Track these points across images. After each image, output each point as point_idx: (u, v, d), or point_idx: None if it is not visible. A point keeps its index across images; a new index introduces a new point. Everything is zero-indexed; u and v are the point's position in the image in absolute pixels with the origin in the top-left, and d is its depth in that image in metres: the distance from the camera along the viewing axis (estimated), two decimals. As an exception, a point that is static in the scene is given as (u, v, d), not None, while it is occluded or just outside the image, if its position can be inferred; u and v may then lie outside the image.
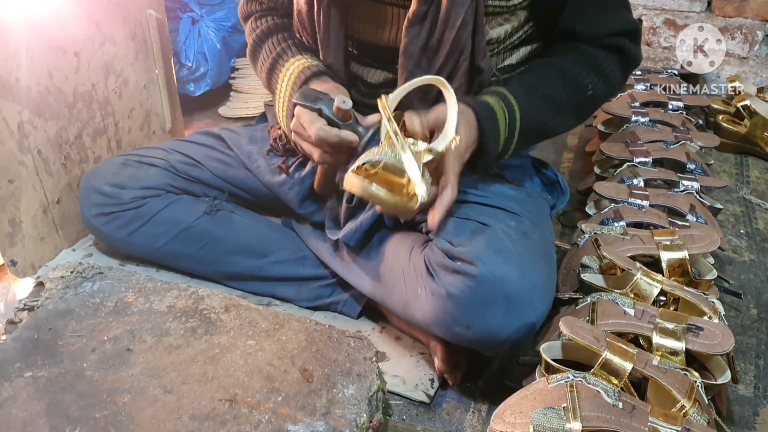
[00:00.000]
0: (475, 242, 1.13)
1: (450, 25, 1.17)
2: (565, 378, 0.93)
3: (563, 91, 1.27)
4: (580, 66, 1.28)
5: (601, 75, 1.29)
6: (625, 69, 1.34)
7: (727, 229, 1.79)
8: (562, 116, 1.31)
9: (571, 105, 1.30)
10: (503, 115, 1.21)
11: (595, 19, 1.28)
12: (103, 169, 1.49)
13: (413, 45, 1.21)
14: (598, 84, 1.29)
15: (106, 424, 0.97)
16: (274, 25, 1.39)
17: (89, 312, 1.18)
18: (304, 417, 0.99)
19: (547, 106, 1.27)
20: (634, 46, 1.31)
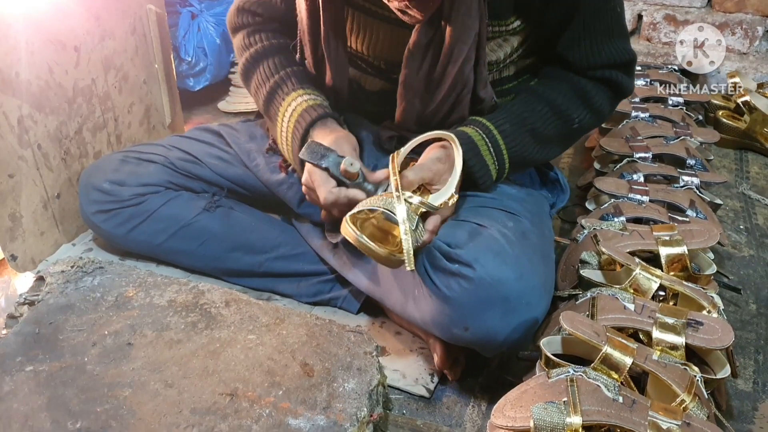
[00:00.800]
0: (473, 244, 1.13)
1: (453, 60, 1.17)
2: (565, 372, 0.93)
3: (550, 123, 1.28)
4: (570, 99, 1.28)
5: (590, 108, 1.30)
6: (615, 101, 1.34)
7: (727, 225, 1.79)
8: (548, 147, 1.32)
9: (558, 136, 1.31)
10: (485, 147, 1.22)
11: (591, 49, 1.27)
12: (103, 165, 1.49)
13: (413, 77, 1.21)
14: (585, 116, 1.30)
15: (107, 418, 0.97)
16: (270, 47, 1.39)
17: (90, 306, 1.18)
18: (305, 411, 1.00)
19: (533, 138, 1.27)
20: (626, 78, 1.31)
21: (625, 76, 1.30)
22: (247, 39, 1.40)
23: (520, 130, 1.25)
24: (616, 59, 1.28)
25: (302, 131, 1.27)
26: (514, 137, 1.25)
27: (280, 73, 1.35)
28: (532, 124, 1.26)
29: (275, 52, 1.38)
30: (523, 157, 1.28)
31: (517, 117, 1.26)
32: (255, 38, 1.40)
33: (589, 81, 1.29)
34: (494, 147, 1.23)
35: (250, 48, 1.39)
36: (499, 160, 1.24)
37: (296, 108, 1.30)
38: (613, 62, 1.28)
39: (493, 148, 1.23)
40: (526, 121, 1.26)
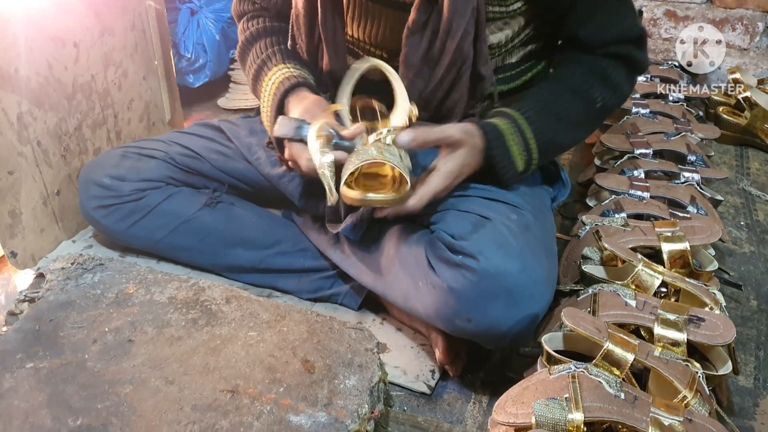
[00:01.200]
0: (477, 236, 1.13)
1: (452, 34, 1.17)
2: (566, 369, 0.93)
3: (575, 107, 1.28)
4: (589, 79, 1.28)
5: (609, 86, 1.29)
6: (632, 76, 1.33)
7: (728, 221, 1.79)
8: (576, 130, 1.33)
9: (583, 119, 1.31)
10: (513, 138, 1.22)
11: (600, 26, 1.27)
12: (103, 161, 1.48)
13: (413, 54, 1.21)
14: (607, 95, 1.29)
15: (108, 415, 0.97)
16: (264, 29, 1.41)
17: (90, 303, 1.18)
18: (306, 408, 0.99)
19: (561, 124, 1.27)
20: (640, 52, 1.31)
21: (638, 51, 1.30)
22: (246, 23, 1.44)
23: (546, 117, 1.25)
24: (626, 34, 1.28)
25: (276, 104, 1.31)
26: (540, 123, 1.24)
27: (267, 51, 1.39)
28: (556, 109, 1.26)
29: (269, 33, 1.41)
30: (553, 142, 1.28)
31: (540, 103, 1.26)
32: (252, 22, 1.43)
33: (603, 59, 1.28)
34: (522, 137, 1.23)
35: (246, 32, 1.43)
36: (527, 149, 1.24)
37: (274, 81, 1.33)
38: (624, 37, 1.28)
39: (522, 138, 1.23)
40: (550, 107, 1.26)
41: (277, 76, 1.33)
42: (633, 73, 1.33)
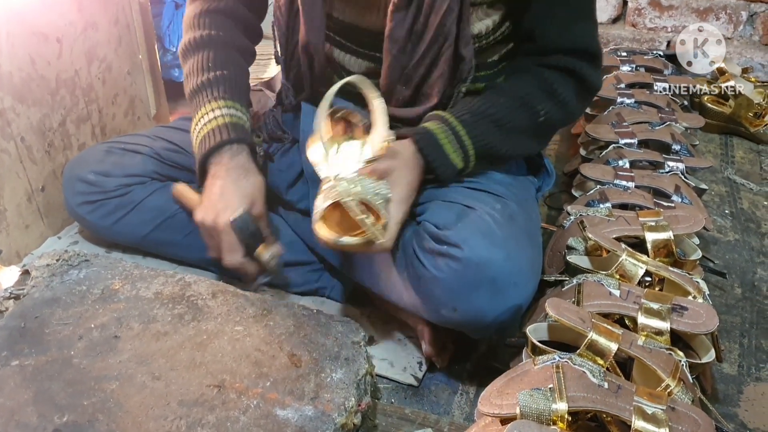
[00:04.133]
0: (461, 225, 1.14)
1: (435, 10, 1.17)
2: (551, 359, 0.93)
3: (516, 116, 1.24)
4: (533, 90, 1.25)
5: (554, 100, 1.26)
6: (582, 95, 1.30)
7: (712, 210, 1.80)
8: (518, 139, 1.28)
9: (525, 129, 1.27)
10: (446, 137, 1.21)
11: (555, 28, 1.24)
12: (87, 156, 1.47)
13: (399, 30, 1.21)
14: (551, 109, 1.26)
15: (94, 411, 0.97)
16: (214, 37, 1.38)
17: (76, 300, 1.17)
18: (293, 401, 1.00)
19: (500, 130, 1.24)
20: (592, 70, 1.27)
21: (590, 67, 1.27)
22: (196, 18, 1.40)
23: (482, 121, 1.23)
24: (580, 45, 1.25)
25: (203, 154, 1.29)
26: (475, 126, 1.22)
27: (209, 74, 1.35)
28: (495, 114, 1.23)
29: (213, 45, 1.37)
30: (490, 147, 1.24)
31: (477, 108, 1.24)
32: (202, 21, 1.39)
33: (553, 72, 1.26)
34: (455, 136, 1.22)
35: (194, 31, 1.39)
36: (462, 148, 1.22)
37: (207, 123, 1.31)
38: (578, 48, 1.25)
39: (455, 137, 1.22)
40: (487, 112, 1.23)
41: (210, 117, 1.31)
42: (583, 92, 1.29)
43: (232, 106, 1.33)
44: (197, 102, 1.34)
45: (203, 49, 1.37)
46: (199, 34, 1.38)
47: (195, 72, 1.36)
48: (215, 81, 1.34)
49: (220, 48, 1.38)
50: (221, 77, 1.35)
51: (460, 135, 1.21)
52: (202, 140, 1.30)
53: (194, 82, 1.35)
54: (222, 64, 1.36)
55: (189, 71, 1.38)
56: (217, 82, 1.34)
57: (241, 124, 1.31)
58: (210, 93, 1.33)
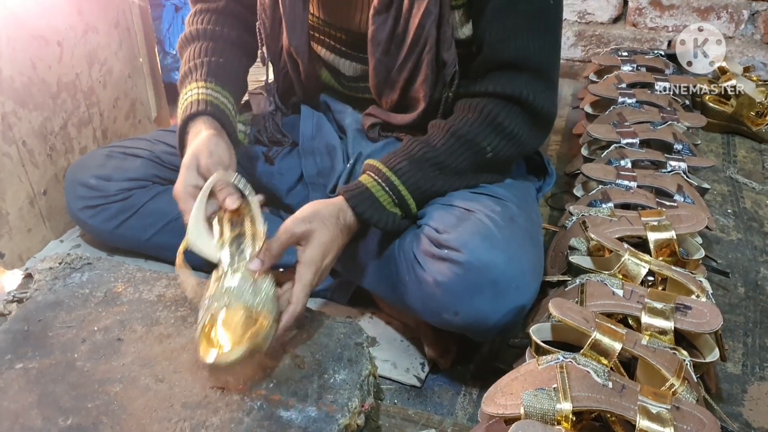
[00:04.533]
0: (461, 229, 1.13)
1: (414, 13, 1.17)
2: (555, 359, 0.93)
3: (457, 156, 1.21)
4: (477, 126, 1.21)
5: (502, 134, 1.21)
6: (534, 125, 1.24)
7: (715, 209, 1.80)
8: (464, 177, 1.24)
9: (472, 167, 1.23)
10: (381, 189, 1.17)
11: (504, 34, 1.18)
12: (88, 161, 1.48)
13: (380, 33, 1.21)
14: (498, 144, 1.22)
15: (98, 414, 0.97)
16: (206, 31, 1.38)
17: (79, 303, 1.17)
18: (296, 403, 1.00)
19: (439, 172, 1.20)
20: (542, 95, 1.21)
21: (540, 93, 1.21)
22: (194, 16, 1.41)
23: (420, 166, 1.19)
24: (528, 58, 1.19)
25: (180, 128, 1.27)
26: (411, 174, 1.18)
27: (196, 60, 1.34)
28: (435, 158, 1.20)
29: (208, 38, 1.37)
30: (432, 191, 1.21)
31: (415, 154, 1.20)
32: (201, 18, 1.40)
33: (498, 103, 1.20)
34: (390, 187, 1.17)
35: (191, 26, 1.40)
36: (398, 198, 1.18)
37: (185, 101, 1.29)
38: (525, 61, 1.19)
39: (390, 189, 1.17)
40: (426, 156, 1.19)
41: (188, 96, 1.29)
42: (535, 121, 1.24)
43: (212, 88, 1.29)
44: (184, 85, 1.32)
45: (199, 40, 1.37)
46: (196, 28, 1.38)
47: (187, 60, 1.36)
48: (202, 65, 1.33)
49: (216, 40, 1.37)
50: (210, 62, 1.34)
51: (395, 185, 1.17)
52: (182, 111, 1.27)
53: (184, 69, 1.35)
54: (214, 52, 1.36)
55: (186, 58, 1.37)
56: (204, 66, 1.33)
57: (216, 103, 1.27)
58: (196, 74, 1.32)
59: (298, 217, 1.13)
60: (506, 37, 1.18)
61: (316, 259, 1.10)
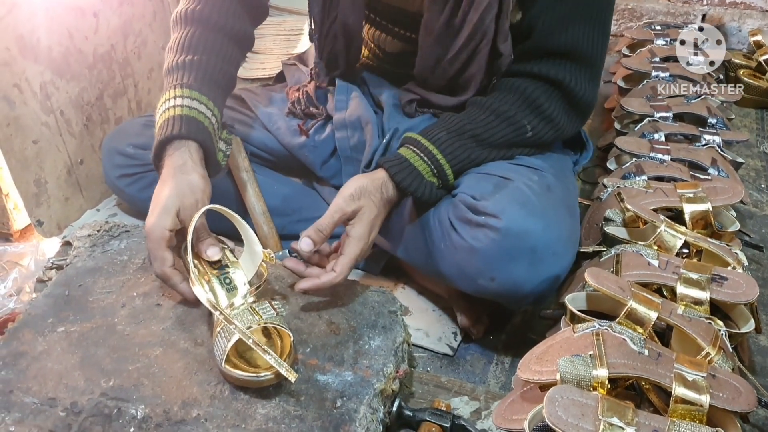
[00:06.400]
0: (499, 196, 1.14)
1: (475, 6, 1.16)
2: (590, 327, 0.94)
3: (496, 131, 1.21)
4: (517, 106, 1.21)
5: (541, 117, 1.22)
6: (572, 111, 1.25)
7: (748, 184, 1.78)
8: (503, 151, 1.24)
9: (512, 143, 1.24)
10: (420, 159, 1.18)
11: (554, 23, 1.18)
12: (126, 130, 1.49)
13: (434, 21, 1.20)
14: (538, 125, 1.23)
15: (139, 376, 0.99)
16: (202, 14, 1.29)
17: (117, 269, 1.19)
18: (333, 367, 1.01)
19: (478, 145, 1.21)
20: (583, 81, 1.22)
21: (582, 80, 1.22)
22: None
23: (458, 138, 1.20)
24: (575, 47, 1.19)
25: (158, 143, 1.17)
26: (450, 144, 1.19)
27: (184, 56, 1.26)
28: (473, 130, 1.20)
29: (206, 26, 1.29)
30: (470, 161, 1.21)
31: (454, 126, 1.21)
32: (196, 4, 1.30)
33: (539, 85, 1.21)
34: (429, 157, 1.18)
35: (190, 3, 1.30)
36: (436, 167, 1.18)
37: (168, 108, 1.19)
38: (572, 50, 1.20)
39: (429, 158, 1.18)
40: (464, 128, 1.20)
41: (169, 105, 1.19)
42: (573, 108, 1.25)
43: (196, 98, 1.20)
44: (167, 83, 1.25)
45: (190, 25, 1.29)
46: (193, 7, 1.29)
47: (174, 48, 1.28)
48: (189, 65, 1.24)
49: (209, 29, 1.29)
50: (196, 63, 1.25)
51: (433, 154, 1.18)
52: (159, 128, 1.18)
53: (170, 61, 1.27)
54: (203, 48, 1.27)
55: (171, 45, 1.30)
56: (190, 68, 1.24)
57: (198, 119, 1.18)
58: (179, 77, 1.23)
59: (346, 194, 1.14)
60: (558, 27, 1.18)
61: (363, 236, 1.13)
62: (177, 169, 1.13)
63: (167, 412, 0.93)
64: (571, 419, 0.81)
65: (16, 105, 1.37)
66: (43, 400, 0.95)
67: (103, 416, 0.93)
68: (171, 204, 1.07)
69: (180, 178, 1.11)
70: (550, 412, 0.82)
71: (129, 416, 0.93)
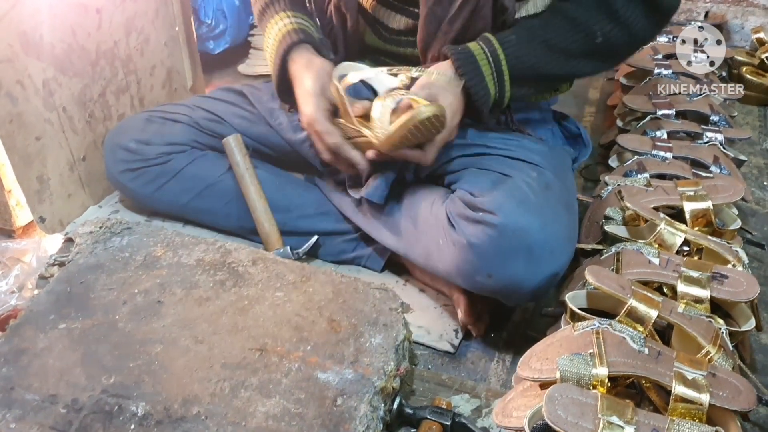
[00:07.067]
0: (497, 192, 1.14)
1: None
2: (590, 325, 0.94)
3: (568, 36, 1.23)
4: (591, 11, 1.22)
5: (616, 21, 1.22)
6: (653, 15, 1.24)
7: (751, 181, 1.78)
8: (570, 62, 1.26)
9: (581, 51, 1.25)
10: (485, 59, 1.20)
11: None
12: (128, 125, 1.50)
13: None
14: (612, 31, 1.22)
15: (140, 373, 0.99)
16: None
17: (119, 266, 1.19)
18: (333, 365, 1.01)
19: (547, 51, 1.22)
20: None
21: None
22: None
23: (529, 42, 1.22)
24: None
25: (279, 60, 1.32)
26: (519, 48, 1.21)
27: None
28: (545, 36, 1.22)
29: None
30: (533, 69, 1.24)
31: (527, 30, 1.23)
32: None
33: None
34: (493, 57, 1.21)
35: None
36: (497, 72, 1.21)
37: (278, 32, 1.34)
38: None
39: (492, 59, 1.21)
40: (537, 33, 1.22)
41: (280, 26, 1.34)
42: (653, 11, 1.24)
43: (300, 17, 1.36)
44: (264, 21, 1.39)
45: None
46: None
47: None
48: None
49: None
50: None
51: (498, 56, 1.21)
52: (279, 42, 1.34)
53: (260, 5, 1.41)
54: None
55: None
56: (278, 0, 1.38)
57: (302, 28, 1.34)
58: (273, 9, 1.37)
59: (418, 87, 1.21)
60: None
61: (451, 115, 1.18)
62: (306, 65, 1.30)
63: (168, 409, 0.94)
64: (571, 418, 0.82)
65: (19, 101, 1.37)
66: (44, 396, 0.95)
67: (104, 413, 0.93)
68: (318, 88, 1.26)
69: (312, 69, 1.28)
70: (550, 411, 0.82)
71: (130, 413, 0.93)
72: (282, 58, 1.32)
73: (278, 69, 1.33)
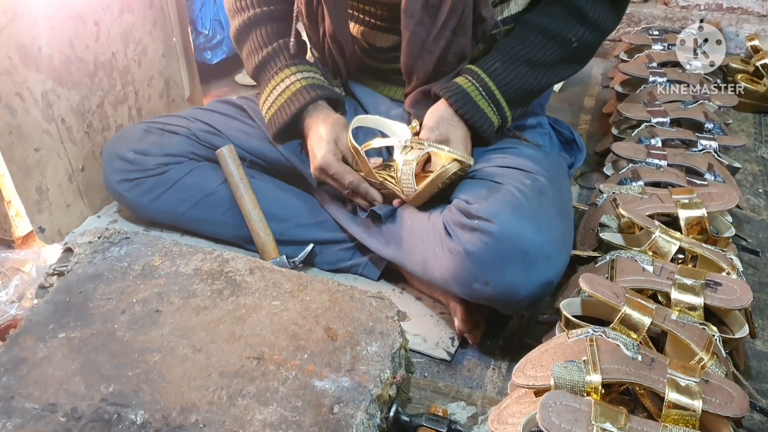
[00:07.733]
0: (492, 200, 1.15)
1: None
2: (585, 332, 0.95)
3: (546, 49, 1.28)
4: (563, 19, 1.28)
5: (587, 24, 1.29)
6: (618, 9, 1.32)
7: (746, 188, 1.79)
8: (552, 71, 1.32)
9: (559, 60, 1.31)
10: (478, 93, 1.26)
11: None
12: (126, 135, 1.51)
13: (414, 4, 1.22)
14: (584, 33, 1.29)
15: (138, 382, 1.00)
16: (262, 14, 1.44)
17: (118, 275, 1.20)
18: (330, 373, 1.02)
19: (531, 69, 1.29)
20: None
21: None
22: (238, 2, 1.45)
23: (513, 66, 1.28)
24: None
25: (293, 113, 1.38)
26: (506, 75, 1.27)
27: (272, 45, 1.43)
28: (526, 55, 1.28)
29: (267, 20, 1.44)
30: (523, 90, 1.30)
31: (508, 53, 1.28)
32: (247, 2, 1.44)
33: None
34: (485, 90, 1.27)
35: (243, 13, 1.45)
36: (494, 102, 1.28)
37: (288, 87, 1.39)
38: None
39: (485, 92, 1.27)
40: (519, 54, 1.28)
41: (287, 84, 1.40)
42: (617, 6, 1.31)
43: (301, 70, 1.41)
44: (264, 77, 1.43)
45: (254, 28, 1.44)
46: (246, 17, 1.44)
47: (254, 51, 1.44)
48: (275, 53, 1.43)
49: (269, 22, 1.44)
50: (280, 48, 1.43)
51: (489, 87, 1.26)
52: (281, 107, 1.40)
53: (256, 60, 1.44)
54: (276, 36, 1.44)
55: (248, 52, 1.46)
56: (278, 53, 1.43)
57: (316, 83, 1.40)
58: (275, 65, 1.42)
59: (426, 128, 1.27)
60: None
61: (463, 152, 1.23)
62: (322, 119, 1.36)
63: (166, 417, 0.95)
64: (565, 424, 0.82)
65: (18, 113, 1.38)
66: (43, 405, 0.96)
67: (103, 422, 0.94)
68: (330, 137, 1.32)
69: (328, 121, 1.35)
70: (544, 418, 0.83)
71: (128, 422, 0.94)
72: (295, 115, 1.38)
73: (287, 123, 1.39)
